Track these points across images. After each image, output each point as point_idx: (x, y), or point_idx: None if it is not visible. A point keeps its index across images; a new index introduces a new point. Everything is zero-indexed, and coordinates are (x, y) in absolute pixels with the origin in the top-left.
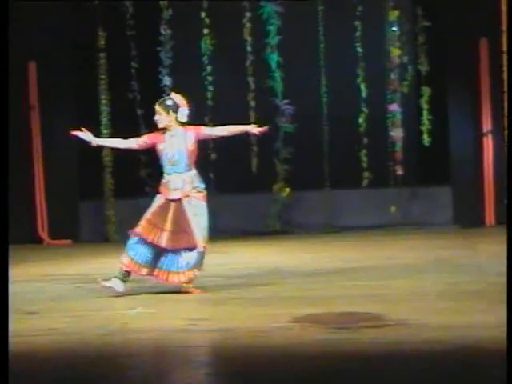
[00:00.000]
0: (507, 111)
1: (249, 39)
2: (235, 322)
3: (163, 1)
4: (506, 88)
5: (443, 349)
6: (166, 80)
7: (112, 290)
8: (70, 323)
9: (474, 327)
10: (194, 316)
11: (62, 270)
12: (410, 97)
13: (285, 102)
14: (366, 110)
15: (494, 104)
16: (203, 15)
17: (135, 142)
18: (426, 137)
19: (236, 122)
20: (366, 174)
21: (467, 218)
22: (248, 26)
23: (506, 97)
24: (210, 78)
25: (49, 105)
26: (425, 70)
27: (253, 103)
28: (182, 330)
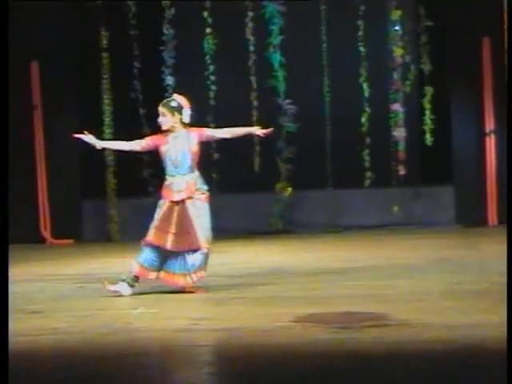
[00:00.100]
0: (507, 111)
1: (251, 39)
2: (237, 321)
3: (166, 0)
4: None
5: (445, 348)
6: (169, 80)
7: (118, 294)
8: (72, 322)
9: (477, 327)
10: (197, 315)
11: (65, 269)
12: (412, 96)
13: (287, 101)
14: (368, 109)
15: (496, 103)
16: (206, 15)
17: (138, 144)
18: (428, 136)
19: (238, 122)
20: (368, 174)
21: (470, 218)
22: (250, 25)
23: (507, 97)
24: (212, 78)
25: (51, 104)
26: (427, 69)
27: (255, 103)
28: (184, 330)
